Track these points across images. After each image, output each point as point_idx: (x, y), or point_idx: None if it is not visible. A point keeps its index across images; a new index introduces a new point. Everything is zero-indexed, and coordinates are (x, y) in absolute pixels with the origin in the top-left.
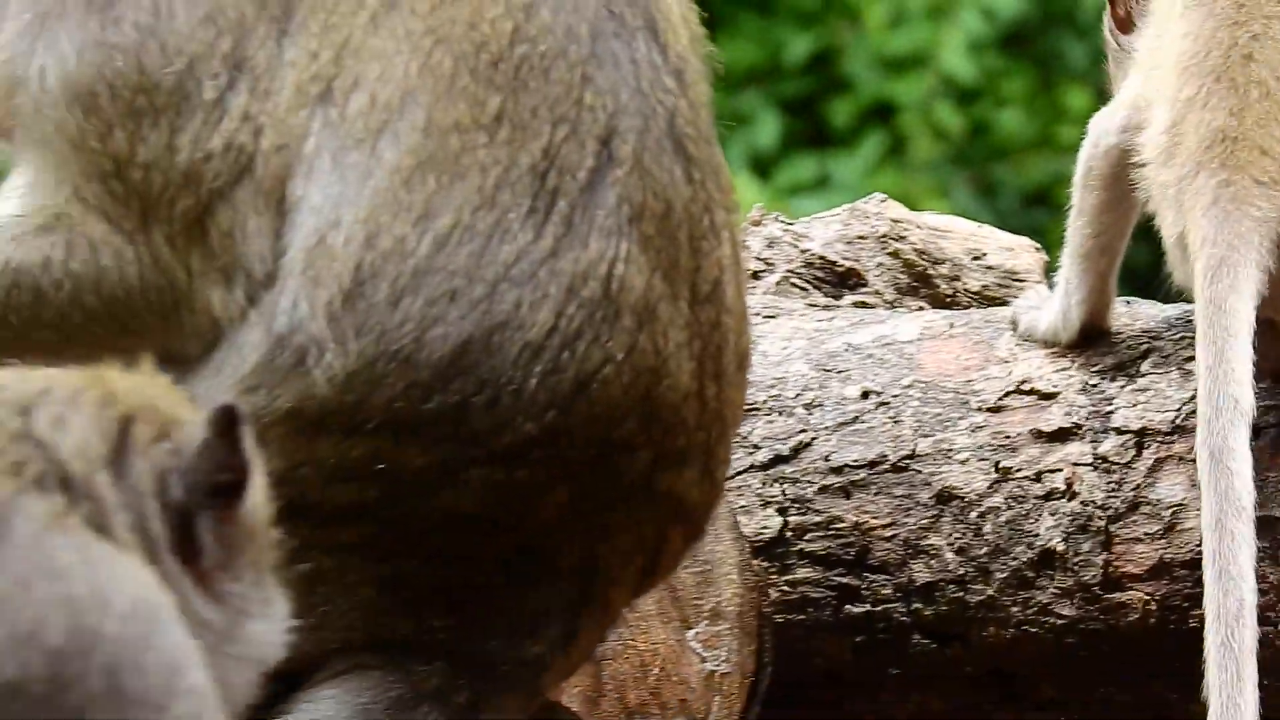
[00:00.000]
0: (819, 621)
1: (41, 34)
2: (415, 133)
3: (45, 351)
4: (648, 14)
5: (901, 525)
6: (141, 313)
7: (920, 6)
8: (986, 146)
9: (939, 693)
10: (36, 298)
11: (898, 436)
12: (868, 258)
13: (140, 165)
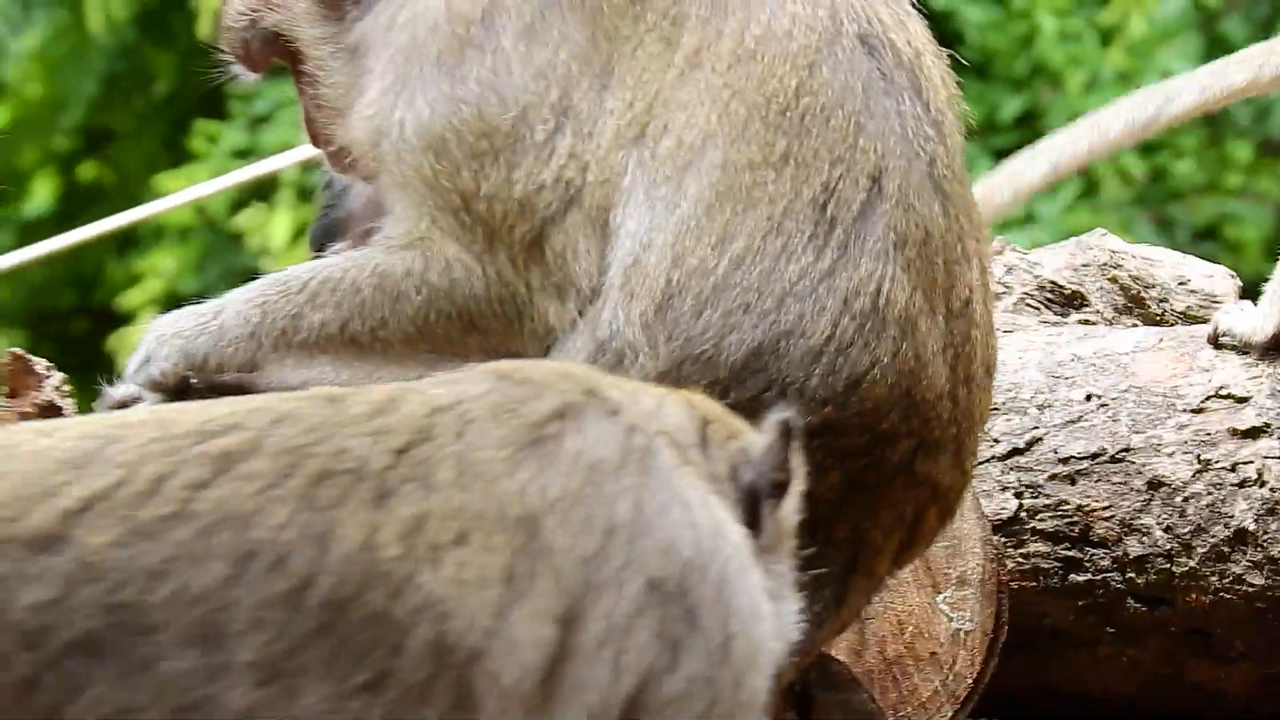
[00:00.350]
0: (1047, 588)
1: (401, 93)
2: (714, 170)
3: (402, 342)
4: (912, 75)
5: (1117, 508)
6: (488, 319)
7: (1111, 73)
8: (1164, 190)
9: (1147, 648)
10: (398, 297)
11: (1115, 433)
12: (1090, 283)
13: (484, 198)
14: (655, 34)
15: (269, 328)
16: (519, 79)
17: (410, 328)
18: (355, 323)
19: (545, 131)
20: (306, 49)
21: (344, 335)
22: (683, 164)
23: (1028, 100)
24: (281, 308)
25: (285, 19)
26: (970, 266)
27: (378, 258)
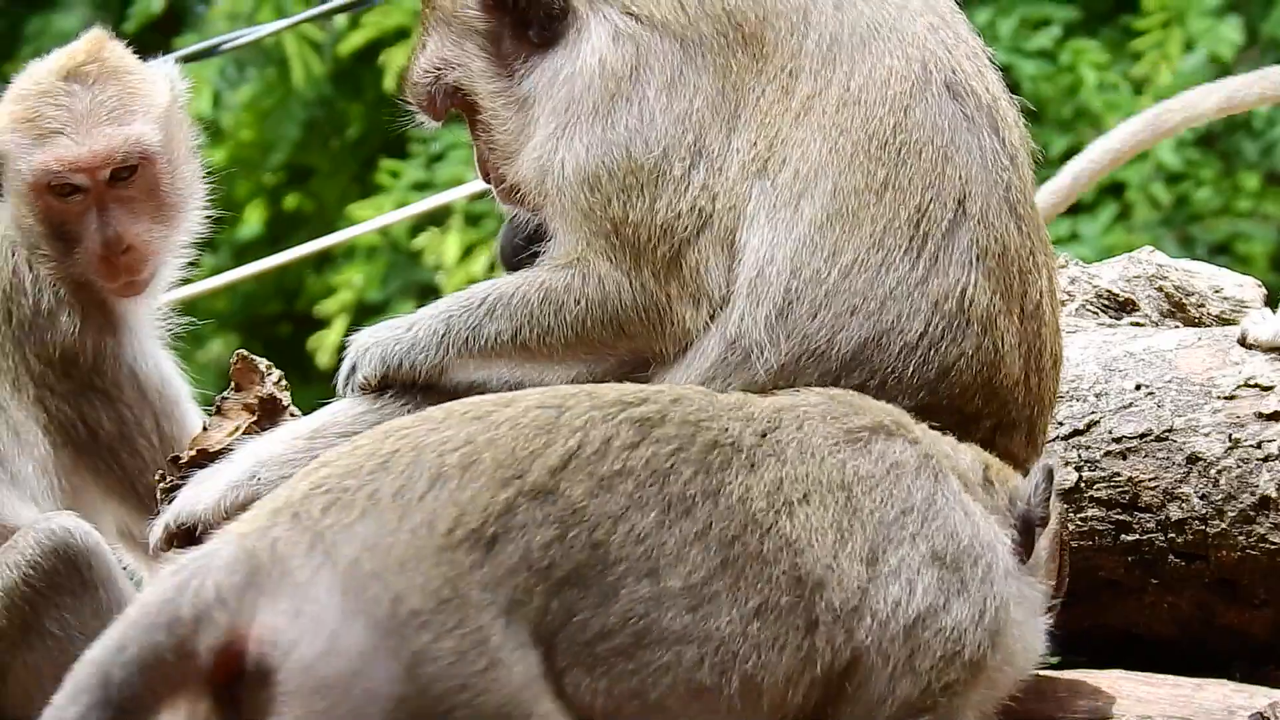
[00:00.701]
0: (1101, 546)
1: (562, 137)
2: (826, 196)
3: (564, 347)
4: (990, 116)
5: (1161, 479)
6: (635, 325)
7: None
8: (1186, 213)
9: (1184, 596)
10: (560, 309)
11: (1160, 417)
12: (1140, 291)
13: (630, 224)
14: (775, 85)
15: (453, 338)
16: (660, 125)
17: (570, 334)
18: (525, 332)
19: (682, 168)
20: (482, 100)
21: (515, 343)
22: (799, 191)
23: (1072, 139)
24: (464, 320)
25: (465, 76)
26: (1040, 276)
27: (543, 276)
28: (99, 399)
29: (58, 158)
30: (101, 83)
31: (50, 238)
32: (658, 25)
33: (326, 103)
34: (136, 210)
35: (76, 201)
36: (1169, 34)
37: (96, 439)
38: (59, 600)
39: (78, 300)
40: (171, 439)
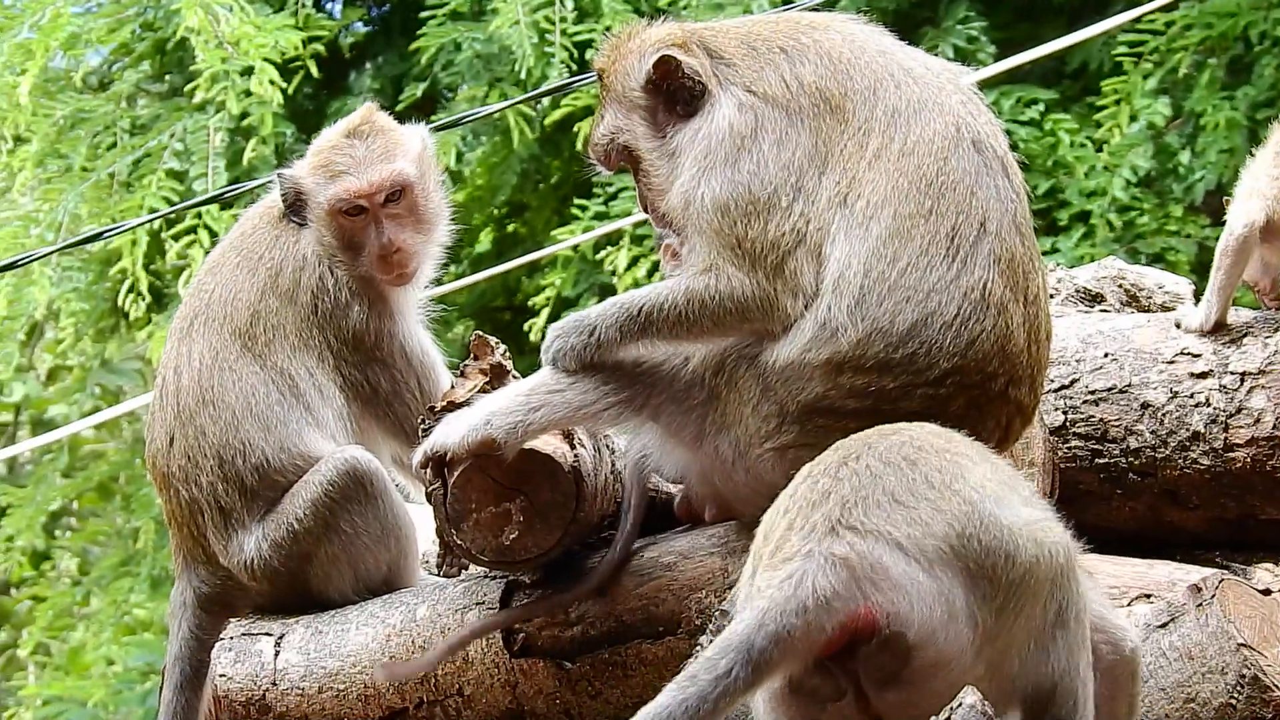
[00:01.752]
0: (1081, 467)
1: (701, 178)
2: (888, 219)
3: (703, 331)
4: (1003, 165)
5: (1123, 419)
6: (753, 311)
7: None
8: (1132, 233)
9: (1140, 502)
10: (701, 305)
11: (1121, 375)
12: (1106, 288)
13: (750, 239)
14: (854, 140)
15: (627, 336)
16: (773, 170)
17: (709, 321)
18: (678, 325)
19: (788, 201)
20: (643, 155)
21: (671, 333)
22: (869, 216)
23: (1054, 182)
24: (631, 326)
25: (631, 138)
26: (1037, 276)
27: (686, 282)
28: (378, 366)
29: (346, 189)
30: (372, 137)
31: (343, 248)
32: (770, 99)
33: (536, 159)
34: (403, 223)
35: (361, 219)
36: (1120, 109)
37: (377, 394)
38: (349, 507)
39: (364, 295)
40: (429, 394)
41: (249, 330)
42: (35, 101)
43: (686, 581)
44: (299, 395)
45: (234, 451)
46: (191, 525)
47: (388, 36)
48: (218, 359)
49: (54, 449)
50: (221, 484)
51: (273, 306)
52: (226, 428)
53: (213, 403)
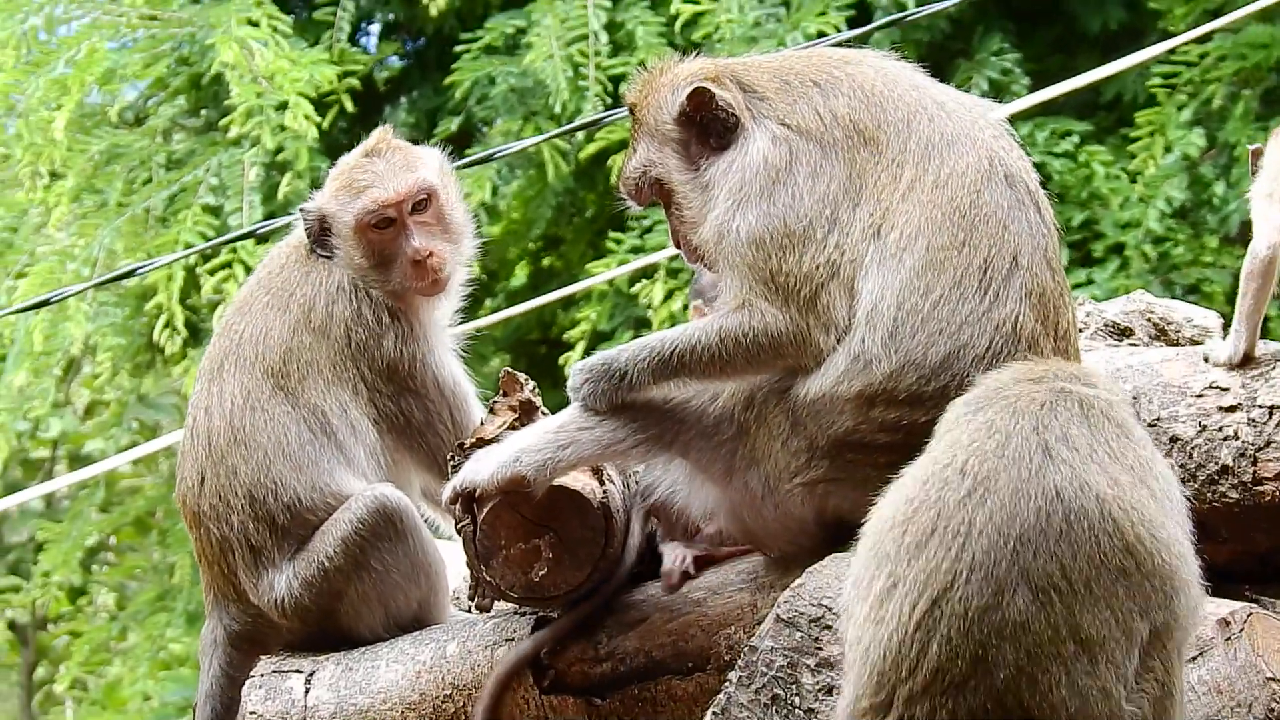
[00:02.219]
0: None
1: (736, 211)
2: (921, 251)
3: (735, 368)
4: (1034, 200)
5: None
6: (787, 346)
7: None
8: (1168, 264)
9: None
10: (735, 341)
11: (1150, 409)
12: (1135, 322)
13: (784, 273)
14: (887, 172)
15: (658, 377)
16: (807, 202)
17: (742, 359)
18: (711, 365)
19: (822, 233)
20: (676, 189)
21: (704, 373)
22: (903, 248)
23: (1089, 214)
24: (663, 368)
25: (664, 171)
26: (1067, 310)
27: (719, 322)
28: (411, 397)
29: (373, 200)
30: (390, 153)
31: (374, 265)
32: (804, 132)
33: (571, 192)
34: (431, 231)
35: (390, 232)
36: (1154, 140)
37: (410, 426)
38: (379, 545)
39: (397, 321)
40: (461, 425)
41: (281, 369)
42: (71, 137)
43: (716, 617)
44: (331, 433)
45: (265, 491)
46: (222, 563)
47: (422, 71)
48: (249, 399)
49: (90, 484)
50: (252, 523)
51: (305, 342)
52: (258, 467)
53: (244, 442)
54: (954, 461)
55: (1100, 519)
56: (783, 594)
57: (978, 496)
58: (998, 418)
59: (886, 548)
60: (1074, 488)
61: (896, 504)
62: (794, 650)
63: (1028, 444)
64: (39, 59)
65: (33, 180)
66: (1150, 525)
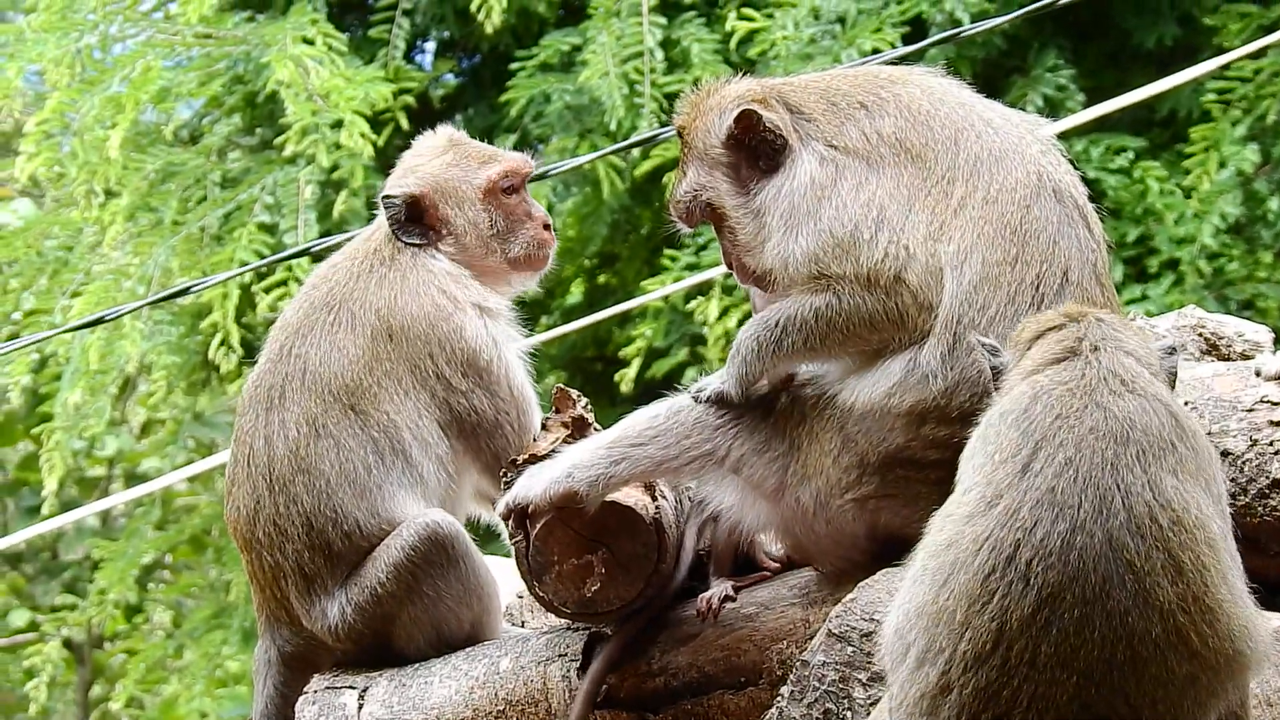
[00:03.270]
0: None
1: (790, 236)
2: (977, 265)
3: (836, 344)
4: (1082, 214)
5: None
6: (882, 323)
7: (1193, 210)
8: (1222, 279)
9: None
10: (829, 320)
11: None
12: (1186, 337)
13: (848, 278)
14: (938, 189)
15: (765, 349)
16: (851, 208)
17: (839, 335)
18: (811, 339)
19: (870, 233)
20: (728, 212)
21: (806, 345)
22: (961, 261)
23: (1143, 230)
24: (768, 337)
25: (715, 195)
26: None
27: (809, 299)
28: (485, 394)
29: (510, 164)
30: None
31: (495, 236)
32: (850, 151)
33: (626, 209)
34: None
35: (515, 199)
36: (1209, 156)
37: (479, 427)
38: (431, 571)
39: (481, 313)
40: (525, 429)
41: (356, 385)
42: (126, 155)
43: (768, 632)
44: (400, 449)
45: (325, 520)
46: (274, 588)
47: (478, 88)
48: (315, 424)
49: (146, 502)
50: (308, 552)
51: (384, 350)
52: (320, 496)
53: (308, 470)
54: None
55: (1164, 634)
56: (834, 609)
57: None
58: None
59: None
60: (1140, 608)
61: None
62: (846, 665)
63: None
64: (94, 78)
65: (88, 199)
66: (1211, 617)
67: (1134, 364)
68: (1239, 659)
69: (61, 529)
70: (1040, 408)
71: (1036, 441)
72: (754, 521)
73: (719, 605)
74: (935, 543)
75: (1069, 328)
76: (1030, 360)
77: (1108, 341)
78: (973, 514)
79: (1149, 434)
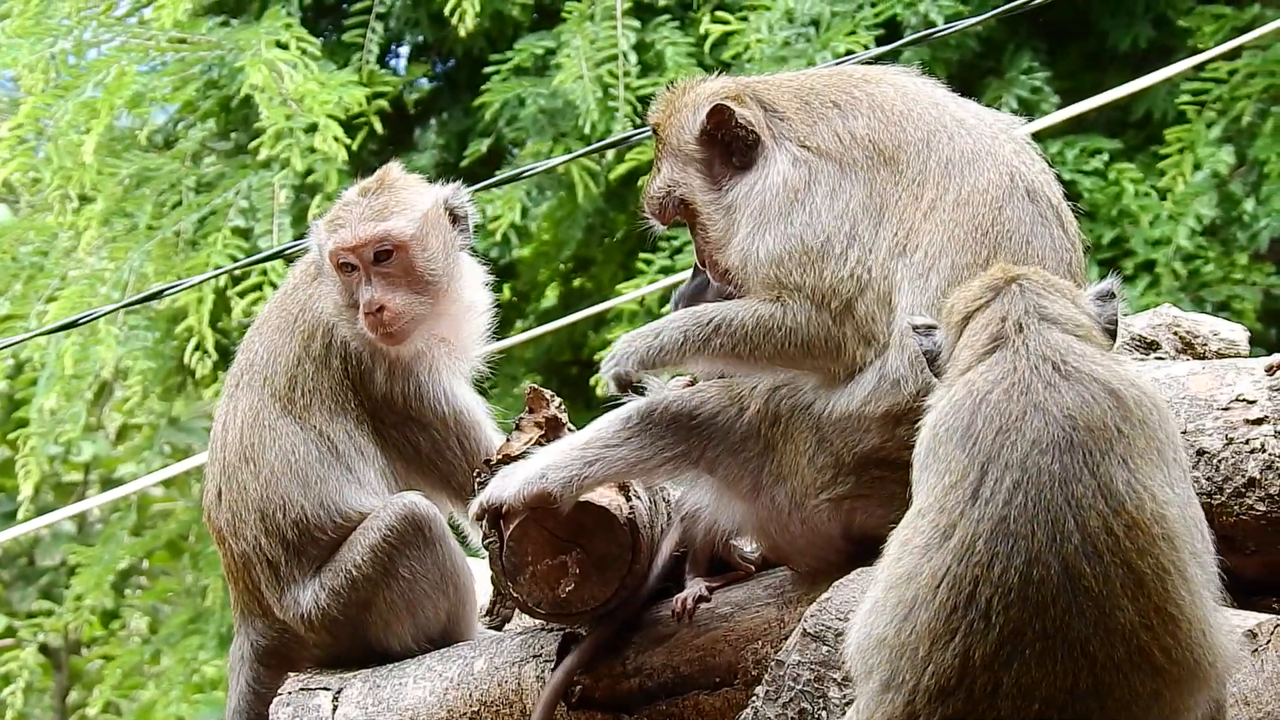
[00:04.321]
0: None
1: (757, 234)
2: (946, 270)
3: (765, 359)
4: (1057, 215)
5: None
6: (819, 349)
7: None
8: (1199, 281)
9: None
10: (766, 332)
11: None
12: (1161, 335)
13: (808, 287)
14: (908, 192)
15: (689, 345)
16: (825, 219)
17: (771, 351)
18: (740, 346)
19: (841, 248)
20: (700, 209)
21: (733, 353)
22: (928, 267)
23: (1119, 232)
24: (696, 333)
25: (688, 191)
26: None
27: (755, 305)
28: (415, 426)
29: (339, 243)
30: (376, 194)
31: (345, 305)
32: (823, 153)
33: (601, 213)
34: (395, 283)
35: (354, 276)
36: (1184, 158)
37: (419, 454)
38: (407, 552)
39: (383, 357)
40: (471, 451)
41: (288, 394)
42: (100, 160)
43: (743, 632)
44: (339, 456)
45: (274, 507)
46: (246, 578)
47: (452, 92)
48: (258, 417)
49: (122, 508)
50: (264, 538)
51: (309, 371)
52: (266, 484)
53: (253, 460)
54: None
55: (1127, 655)
56: (809, 608)
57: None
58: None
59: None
60: (1101, 635)
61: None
62: (821, 664)
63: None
64: (68, 83)
65: (62, 204)
66: (1173, 626)
67: (1061, 338)
68: (1199, 671)
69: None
70: (981, 422)
71: (982, 464)
72: (729, 522)
73: (694, 605)
74: (895, 575)
75: (994, 305)
76: (964, 352)
77: (1031, 316)
78: (929, 545)
79: (1092, 429)
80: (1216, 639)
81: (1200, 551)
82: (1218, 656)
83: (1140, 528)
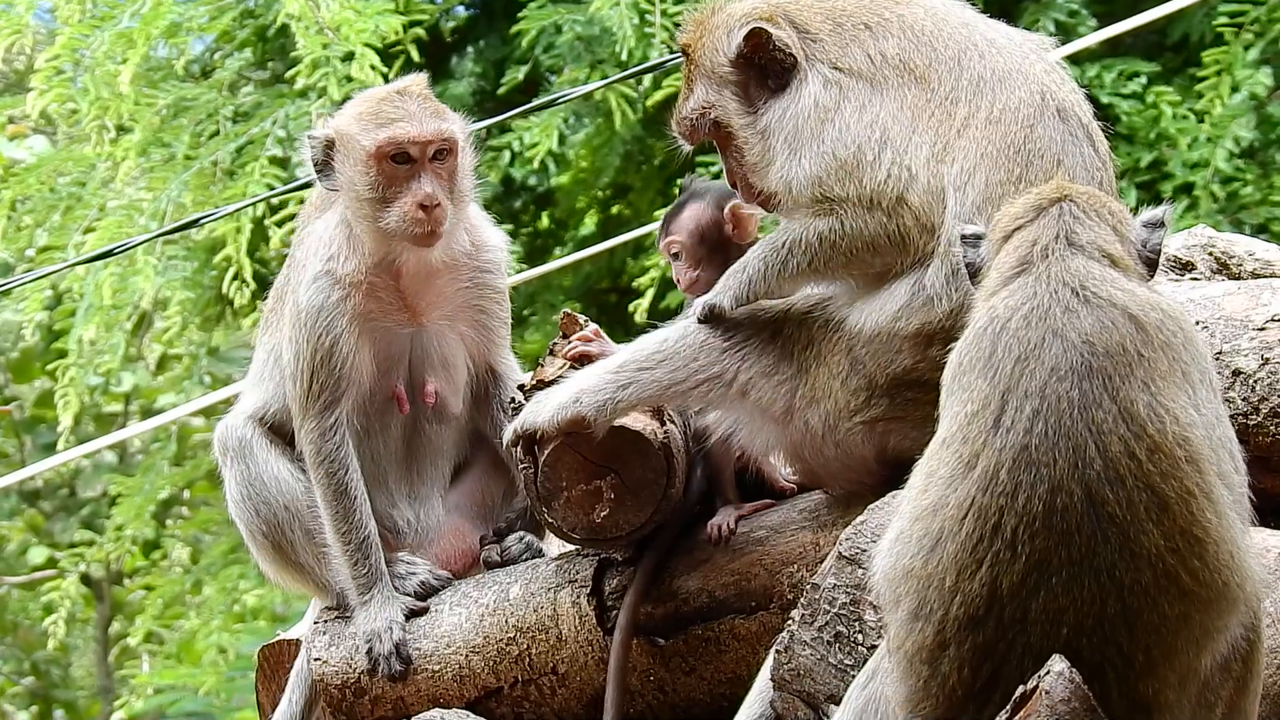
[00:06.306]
0: None
1: (792, 159)
2: (980, 185)
3: (840, 266)
4: (1088, 133)
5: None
6: (884, 247)
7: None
8: (1237, 204)
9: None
10: (832, 244)
11: (1212, 343)
12: (1196, 256)
13: (851, 199)
14: (941, 109)
15: (770, 270)
16: (854, 130)
17: (844, 259)
18: (815, 260)
19: (873, 154)
20: (735, 131)
21: (810, 268)
22: (964, 182)
23: (1157, 155)
24: (774, 258)
25: (723, 114)
26: None
27: (813, 223)
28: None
29: (401, 132)
30: (424, 98)
31: (375, 199)
32: (855, 73)
33: (639, 139)
34: (442, 185)
35: (405, 169)
36: (1221, 80)
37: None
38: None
39: (327, 275)
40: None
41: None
42: (137, 90)
43: (778, 556)
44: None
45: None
46: None
47: (489, 20)
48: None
49: (162, 438)
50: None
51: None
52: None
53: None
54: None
55: (1154, 579)
56: (844, 531)
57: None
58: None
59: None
60: (1127, 560)
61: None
62: (856, 587)
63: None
64: (105, 14)
65: (100, 134)
66: (1200, 548)
67: (1083, 264)
68: (1228, 593)
69: (79, 465)
70: (1001, 350)
71: (1003, 393)
72: (762, 445)
73: (729, 530)
74: (920, 506)
75: (1031, 227)
76: (993, 273)
77: (1060, 242)
78: (953, 476)
79: (1111, 354)
80: (1245, 561)
81: (1228, 473)
82: (1246, 578)
83: (1163, 451)
